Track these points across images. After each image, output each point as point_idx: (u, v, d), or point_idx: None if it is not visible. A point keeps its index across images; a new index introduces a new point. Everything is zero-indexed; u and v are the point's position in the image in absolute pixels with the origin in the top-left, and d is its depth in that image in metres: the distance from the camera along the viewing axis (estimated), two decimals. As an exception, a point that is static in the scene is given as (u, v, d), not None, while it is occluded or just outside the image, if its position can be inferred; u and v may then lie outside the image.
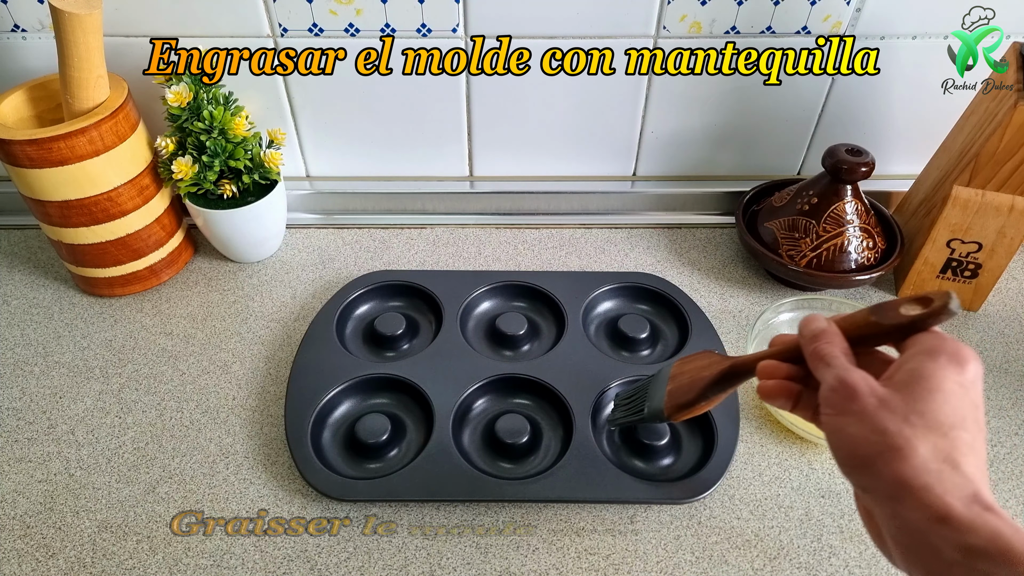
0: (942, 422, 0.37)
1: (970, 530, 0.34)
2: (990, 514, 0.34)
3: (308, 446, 0.61)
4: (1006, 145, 0.66)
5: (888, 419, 0.37)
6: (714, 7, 0.72)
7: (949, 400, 0.37)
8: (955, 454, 0.36)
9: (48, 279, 0.79)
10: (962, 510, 0.34)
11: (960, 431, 0.37)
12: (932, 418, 0.37)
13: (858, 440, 0.38)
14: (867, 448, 0.37)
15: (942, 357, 0.38)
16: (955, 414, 0.37)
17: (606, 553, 0.56)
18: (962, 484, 0.35)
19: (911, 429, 0.36)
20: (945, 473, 0.36)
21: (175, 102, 0.69)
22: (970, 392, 0.38)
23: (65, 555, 0.56)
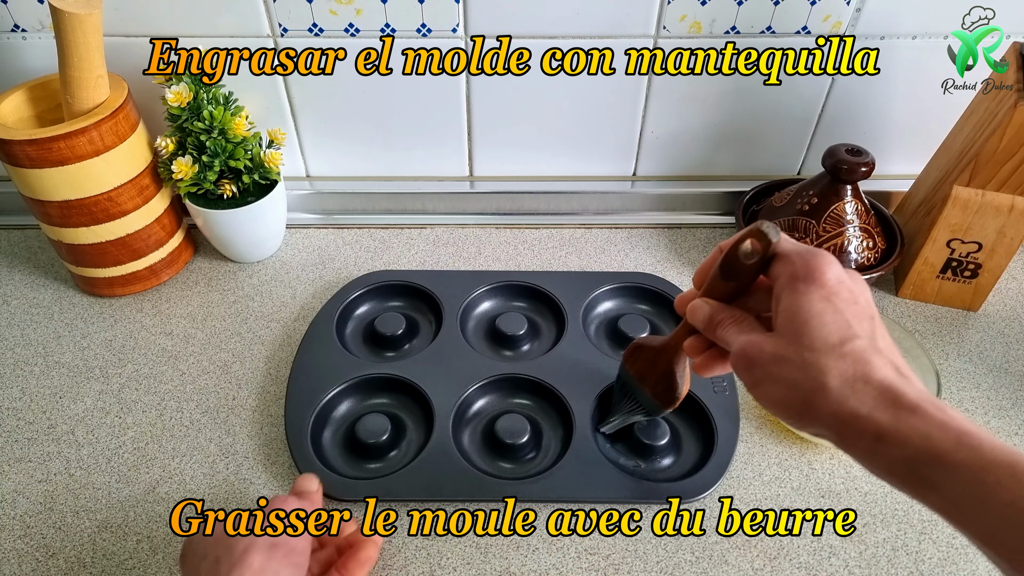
0: (832, 344, 0.37)
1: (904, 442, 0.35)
2: (917, 417, 0.35)
3: (308, 446, 0.61)
4: (1006, 145, 0.66)
5: (789, 370, 0.38)
6: (714, 7, 0.72)
7: (824, 320, 0.38)
8: (859, 366, 0.37)
9: (48, 279, 0.79)
10: (891, 424, 0.35)
11: (852, 341, 0.37)
12: (821, 346, 0.37)
13: (779, 398, 0.39)
14: (790, 402, 0.39)
15: (798, 283, 0.39)
16: (837, 328, 0.37)
17: (606, 553, 0.56)
18: (880, 394, 0.36)
19: (814, 368, 0.37)
20: (861, 392, 0.36)
21: (175, 102, 0.69)
22: (840, 296, 0.38)
23: (65, 555, 0.56)
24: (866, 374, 0.36)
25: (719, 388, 0.65)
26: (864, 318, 0.38)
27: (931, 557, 0.56)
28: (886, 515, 0.58)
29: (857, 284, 0.40)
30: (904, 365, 0.38)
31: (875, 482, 0.61)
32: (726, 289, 0.44)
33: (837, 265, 0.39)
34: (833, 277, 0.39)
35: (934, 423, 0.34)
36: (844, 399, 0.36)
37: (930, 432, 0.34)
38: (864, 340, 0.37)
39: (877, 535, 0.57)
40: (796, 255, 0.40)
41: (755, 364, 0.40)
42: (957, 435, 0.34)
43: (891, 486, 0.36)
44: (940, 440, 0.34)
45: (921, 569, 0.55)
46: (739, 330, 0.42)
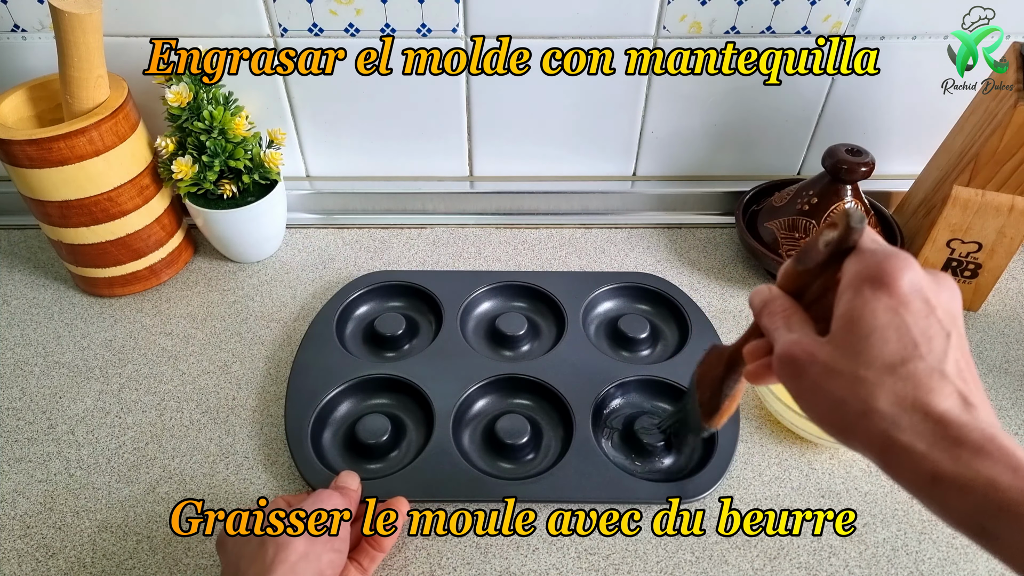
0: (890, 363, 0.33)
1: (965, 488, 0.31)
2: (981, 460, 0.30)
3: (308, 446, 0.61)
4: (1006, 145, 0.66)
5: (838, 384, 0.34)
6: (714, 7, 0.72)
7: (887, 335, 0.33)
8: (919, 393, 0.32)
9: (48, 279, 0.79)
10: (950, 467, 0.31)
11: (914, 362, 0.33)
12: (879, 364, 0.33)
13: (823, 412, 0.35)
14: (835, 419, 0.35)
15: (865, 286, 0.34)
16: (901, 346, 0.33)
17: (606, 553, 0.56)
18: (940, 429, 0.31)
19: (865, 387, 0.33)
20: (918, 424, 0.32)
21: (175, 102, 0.69)
22: (910, 309, 0.33)
23: (65, 555, 0.56)
24: (925, 404, 0.32)
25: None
26: (938, 335, 0.33)
27: (931, 557, 0.56)
28: (886, 515, 0.58)
29: (941, 292, 0.35)
30: (976, 391, 0.33)
31: (875, 482, 0.61)
32: (795, 277, 0.40)
33: (916, 269, 0.34)
34: (908, 284, 0.33)
35: (1002, 467, 0.30)
36: (896, 429, 0.32)
37: (997, 479, 0.30)
38: (930, 361, 0.33)
39: (877, 535, 0.57)
40: (871, 253, 0.35)
41: (803, 373, 0.35)
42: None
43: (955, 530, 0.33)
44: (1009, 489, 0.30)
45: (921, 569, 0.55)
46: (786, 324, 0.38)
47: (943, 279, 0.36)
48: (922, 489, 0.32)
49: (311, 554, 0.46)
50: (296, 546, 0.45)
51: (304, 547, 0.46)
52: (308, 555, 0.46)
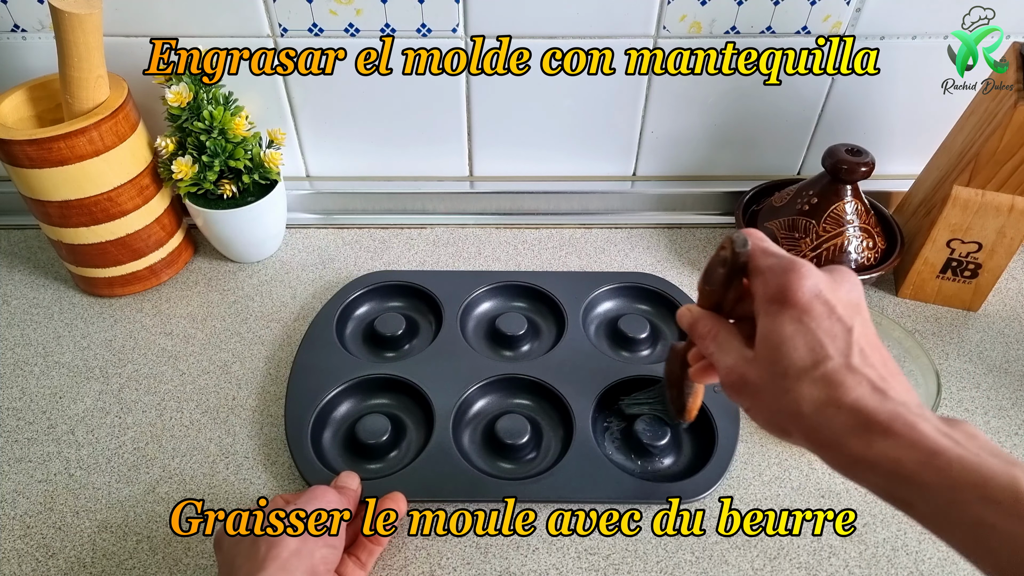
0: (803, 368, 0.36)
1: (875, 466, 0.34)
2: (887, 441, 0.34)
3: (308, 446, 0.61)
4: (1006, 145, 0.66)
5: (768, 396, 0.38)
6: (714, 7, 0.72)
7: (795, 343, 0.37)
8: (831, 391, 0.36)
9: (48, 279, 0.79)
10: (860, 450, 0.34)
11: (824, 363, 0.36)
12: (794, 371, 0.36)
13: (764, 420, 0.39)
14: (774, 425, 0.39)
15: (771, 305, 0.38)
16: (809, 351, 0.36)
17: (606, 553, 0.56)
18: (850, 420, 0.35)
19: (789, 395, 0.37)
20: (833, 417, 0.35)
21: (175, 102, 0.69)
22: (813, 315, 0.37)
23: (65, 555, 0.56)
24: (837, 399, 0.35)
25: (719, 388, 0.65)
26: (839, 332, 0.37)
27: (931, 557, 0.56)
28: (886, 515, 0.58)
29: (839, 289, 0.38)
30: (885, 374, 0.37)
31: (875, 482, 0.61)
32: (708, 295, 0.44)
33: (813, 276, 0.38)
34: (806, 293, 0.37)
35: (904, 444, 0.34)
36: (818, 426, 0.36)
37: (899, 456, 0.33)
38: (837, 360, 0.36)
39: (877, 535, 0.57)
40: (770, 273, 0.38)
41: (741, 392, 0.40)
42: (925, 456, 0.33)
43: None
44: (908, 463, 0.33)
45: (921, 569, 0.55)
46: (716, 345, 0.42)
47: (841, 274, 0.39)
48: (847, 471, 0.36)
49: (303, 550, 0.46)
50: (288, 543, 0.46)
51: (296, 544, 0.46)
52: (300, 551, 0.46)
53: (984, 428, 0.65)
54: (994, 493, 0.31)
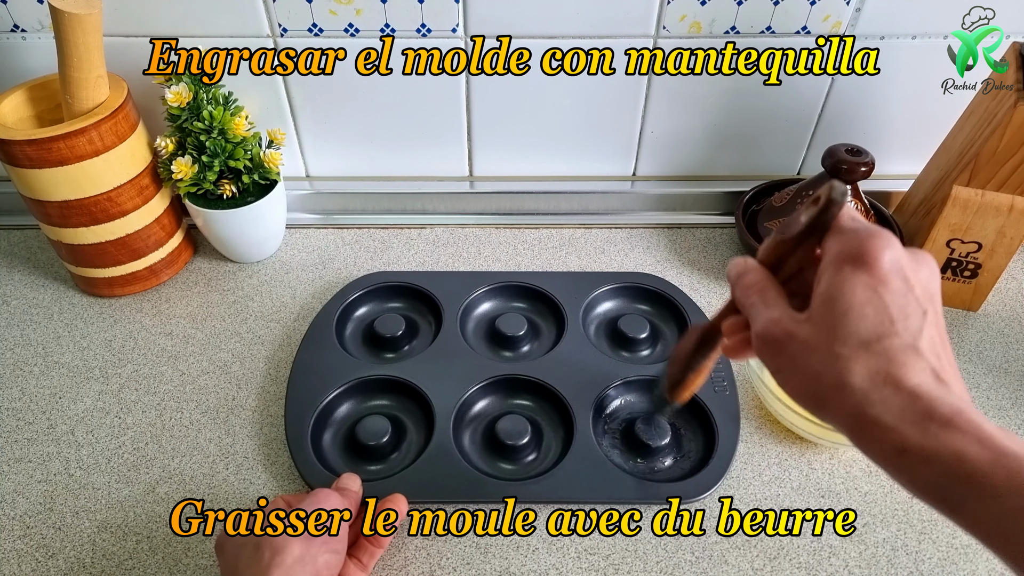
0: (866, 339, 0.33)
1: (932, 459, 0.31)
2: (950, 432, 0.31)
3: (308, 447, 0.61)
4: (1006, 145, 0.66)
5: (815, 360, 0.35)
6: (714, 7, 0.72)
7: (864, 312, 0.34)
8: (892, 368, 0.33)
9: (48, 279, 0.79)
10: (917, 439, 0.32)
11: (890, 338, 0.33)
12: (855, 340, 0.34)
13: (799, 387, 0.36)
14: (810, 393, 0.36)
15: (845, 265, 0.35)
16: (877, 323, 0.34)
17: (606, 553, 0.56)
18: (909, 404, 0.32)
19: (840, 362, 0.34)
20: (889, 398, 0.33)
21: (175, 102, 0.69)
22: (889, 288, 0.34)
23: (65, 555, 0.56)
24: (897, 378, 0.33)
25: (719, 388, 0.65)
26: (915, 312, 0.34)
27: (931, 557, 0.56)
28: (886, 515, 0.58)
29: (920, 270, 0.35)
30: (948, 367, 0.34)
31: (875, 482, 0.61)
32: (774, 247, 0.40)
33: (896, 248, 0.35)
34: (887, 262, 0.34)
35: (969, 439, 0.31)
36: (867, 403, 0.33)
37: (964, 450, 0.31)
38: (905, 338, 0.33)
39: (877, 535, 0.57)
40: (852, 232, 0.35)
41: (782, 350, 0.36)
42: (994, 455, 0.30)
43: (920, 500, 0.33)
44: (974, 459, 0.30)
45: (921, 569, 0.55)
46: (762, 299, 0.38)
47: (923, 257, 0.36)
48: (890, 460, 0.33)
49: (307, 557, 0.46)
50: (292, 549, 0.45)
51: (300, 550, 0.46)
52: (304, 558, 0.46)
53: (984, 428, 0.65)
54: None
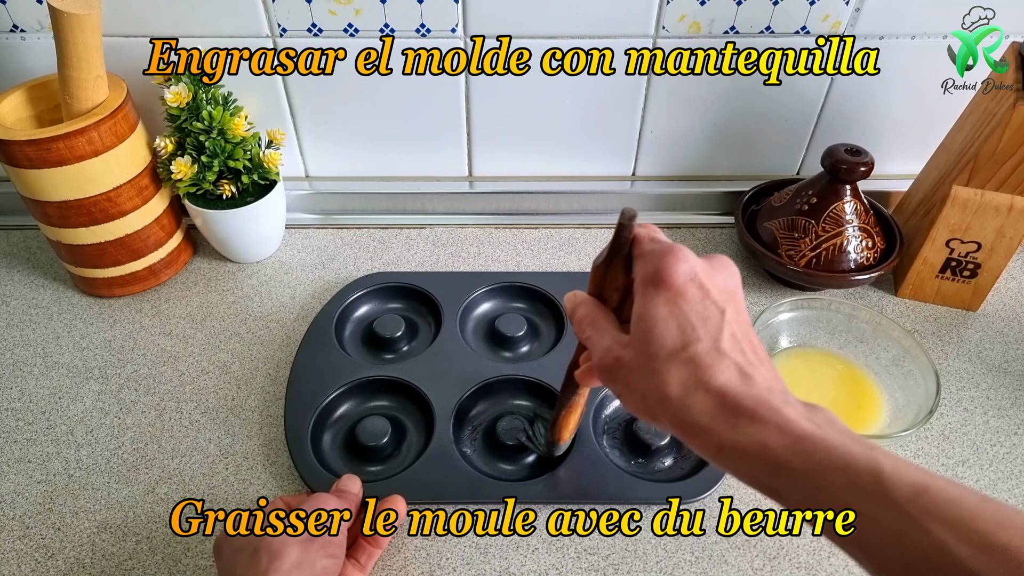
0: (673, 350, 0.36)
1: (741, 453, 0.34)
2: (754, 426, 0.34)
3: (308, 448, 0.61)
4: (1005, 145, 0.66)
5: (639, 379, 0.37)
6: (713, 7, 0.72)
7: (668, 326, 0.37)
8: (699, 372, 0.35)
9: (47, 279, 0.79)
10: (729, 436, 0.34)
11: (694, 345, 0.36)
12: (665, 353, 0.36)
13: (636, 406, 0.39)
14: (644, 410, 0.38)
15: (648, 287, 0.38)
16: (680, 334, 0.36)
17: (606, 553, 0.56)
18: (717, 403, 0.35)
19: (657, 377, 0.36)
20: (701, 401, 0.35)
21: (174, 102, 0.69)
22: (687, 298, 0.37)
23: (64, 556, 0.56)
24: (705, 381, 0.35)
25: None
26: (712, 316, 0.37)
27: (931, 557, 0.56)
28: (886, 515, 0.58)
29: (716, 275, 0.38)
30: (754, 360, 0.37)
31: (875, 482, 0.61)
32: (593, 273, 0.43)
33: (689, 260, 0.38)
34: (682, 276, 0.37)
35: (770, 429, 0.33)
36: (686, 410, 0.35)
37: (766, 440, 0.33)
38: (706, 342, 0.36)
39: (877, 535, 0.57)
40: (650, 253, 0.39)
41: (615, 376, 0.39)
42: (791, 441, 0.33)
43: None
44: (775, 447, 0.33)
45: (921, 569, 0.55)
46: (595, 331, 0.41)
47: (719, 261, 0.40)
48: (714, 458, 0.35)
49: (304, 561, 0.45)
50: (289, 554, 0.45)
51: (298, 554, 0.45)
52: (302, 563, 0.45)
53: (984, 428, 0.65)
54: (857, 477, 0.31)
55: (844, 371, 0.68)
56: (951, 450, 0.63)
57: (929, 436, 0.64)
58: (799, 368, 0.68)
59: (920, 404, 0.61)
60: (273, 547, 0.46)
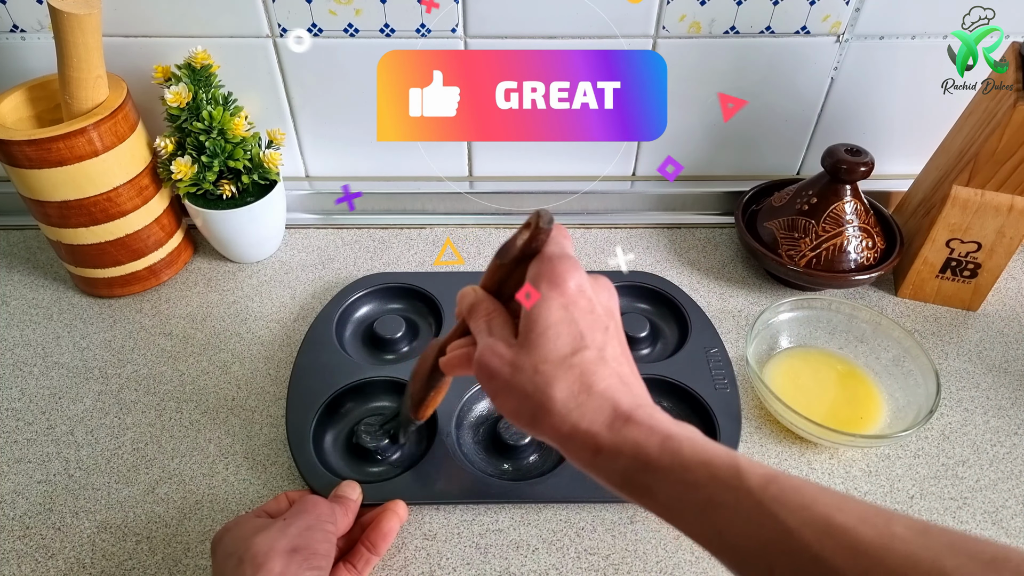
0: (563, 356, 0.37)
1: (618, 454, 0.35)
2: (629, 427, 0.36)
3: (310, 448, 0.61)
4: (1005, 145, 0.66)
5: (524, 380, 0.38)
6: (713, 7, 0.72)
7: (560, 330, 0.38)
8: (585, 377, 0.37)
9: (47, 280, 0.79)
10: (607, 437, 0.36)
11: (582, 352, 0.37)
12: (554, 358, 0.37)
13: (513, 408, 0.39)
14: (523, 412, 0.39)
15: (541, 283, 0.39)
16: (571, 340, 0.38)
17: (606, 553, 0.56)
18: (600, 406, 0.36)
19: (545, 378, 0.37)
20: (585, 403, 0.37)
21: (174, 102, 0.69)
22: (578, 306, 0.39)
23: (64, 556, 0.56)
24: (590, 385, 0.37)
25: (720, 386, 0.65)
26: (598, 329, 0.39)
27: (931, 557, 0.56)
28: (886, 515, 0.58)
29: (600, 292, 0.40)
30: (630, 375, 0.39)
31: (875, 482, 0.61)
32: (494, 271, 0.43)
33: (581, 273, 0.40)
34: (574, 285, 0.39)
35: (643, 429, 0.35)
36: (567, 412, 0.37)
37: (639, 439, 0.35)
38: (593, 351, 0.38)
39: (877, 535, 0.57)
40: (548, 258, 0.40)
41: (495, 375, 0.39)
42: (661, 439, 0.35)
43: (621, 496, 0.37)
44: (647, 446, 0.35)
45: (921, 569, 0.55)
46: (488, 326, 0.41)
47: (602, 281, 0.42)
48: (590, 462, 0.37)
49: (287, 573, 0.44)
50: (272, 566, 0.44)
51: (281, 567, 0.44)
52: (285, 574, 0.44)
53: (984, 428, 0.65)
54: (717, 471, 0.33)
55: (844, 371, 0.68)
56: (951, 450, 0.63)
57: (929, 436, 0.64)
58: (799, 368, 0.68)
59: (920, 404, 0.61)
60: (258, 559, 0.45)
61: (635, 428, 0.36)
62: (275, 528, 0.47)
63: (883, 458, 0.62)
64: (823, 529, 0.31)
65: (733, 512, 0.33)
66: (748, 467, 0.33)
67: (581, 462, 0.37)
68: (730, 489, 0.33)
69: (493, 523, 0.58)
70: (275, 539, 0.46)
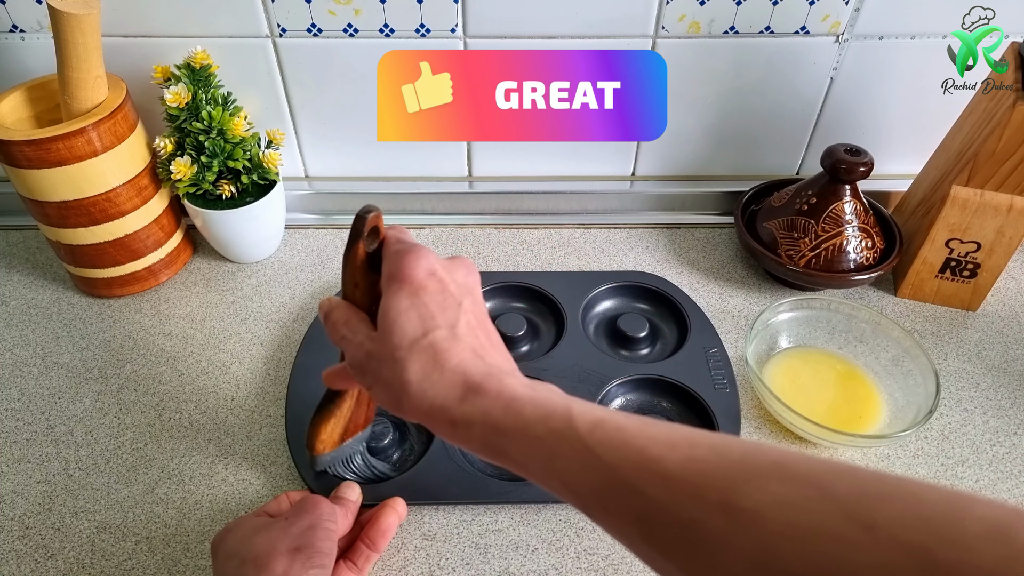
0: (415, 338, 0.39)
1: (471, 424, 0.37)
2: (479, 397, 0.37)
3: (307, 447, 0.60)
4: (1005, 145, 0.66)
5: (386, 369, 0.39)
6: (713, 7, 0.72)
7: (409, 316, 0.39)
8: (437, 356, 0.38)
9: (47, 280, 0.79)
10: (460, 409, 0.37)
11: (433, 332, 0.39)
12: (407, 341, 0.39)
13: (384, 398, 0.40)
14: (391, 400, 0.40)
15: (392, 284, 0.41)
16: (420, 322, 0.39)
17: (606, 553, 0.56)
18: (452, 381, 0.38)
19: (400, 364, 0.39)
20: (438, 381, 0.38)
21: (174, 102, 0.69)
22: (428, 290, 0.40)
23: (64, 556, 0.56)
24: (442, 364, 0.38)
25: (720, 386, 0.65)
26: (451, 306, 0.40)
27: (930, 557, 0.56)
28: (885, 515, 0.58)
29: (456, 271, 0.42)
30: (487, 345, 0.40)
31: (874, 482, 0.61)
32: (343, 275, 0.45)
33: (429, 258, 0.41)
34: (422, 272, 0.40)
35: (491, 397, 0.36)
36: (423, 392, 0.38)
37: (487, 407, 0.36)
38: (444, 330, 0.39)
39: (877, 535, 0.57)
40: (394, 255, 0.42)
41: (365, 370, 0.41)
42: (506, 403, 0.36)
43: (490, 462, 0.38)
44: (494, 412, 0.36)
45: (921, 569, 0.55)
46: (349, 331, 0.43)
47: (459, 261, 0.43)
48: (451, 435, 0.38)
49: (291, 573, 0.45)
50: (275, 567, 0.44)
51: (284, 567, 0.45)
52: (288, 574, 0.44)
53: (983, 428, 0.65)
54: (553, 423, 0.35)
55: (844, 371, 0.68)
56: (951, 450, 0.63)
57: (929, 436, 0.64)
58: (799, 368, 0.68)
59: (920, 404, 0.61)
60: (261, 559, 0.45)
61: (484, 397, 0.37)
62: (277, 528, 0.47)
63: (883, 458, 0.62)
64: (638, 463, 0.32)
65: (568, 461, 0.34)
66: (580, 415, 0.35)
67: (445, 436, 0.38)
68: (565, 440, 0.34)
69: (493, 523, 0.58)
70: (277, 539, 0.46)
